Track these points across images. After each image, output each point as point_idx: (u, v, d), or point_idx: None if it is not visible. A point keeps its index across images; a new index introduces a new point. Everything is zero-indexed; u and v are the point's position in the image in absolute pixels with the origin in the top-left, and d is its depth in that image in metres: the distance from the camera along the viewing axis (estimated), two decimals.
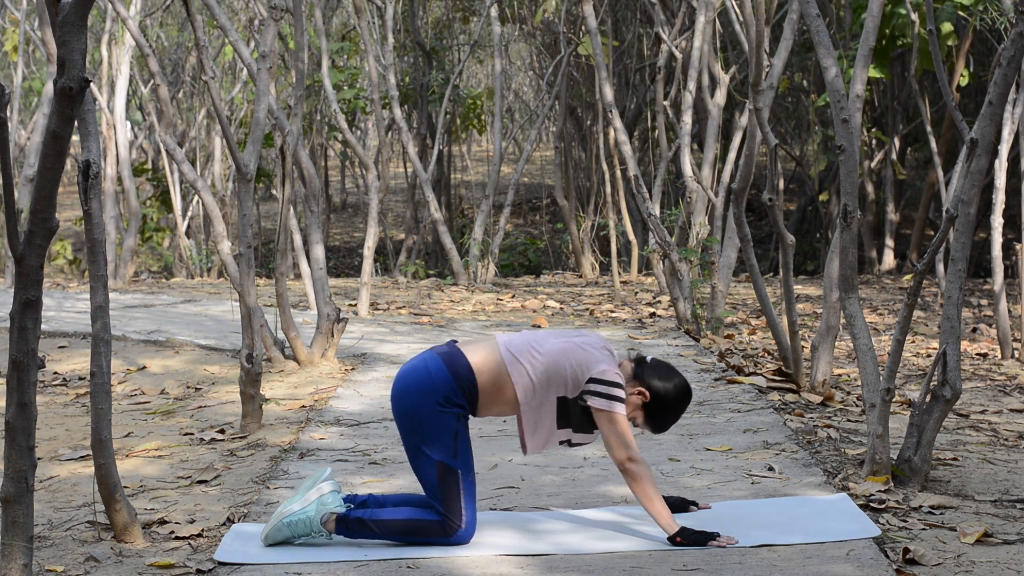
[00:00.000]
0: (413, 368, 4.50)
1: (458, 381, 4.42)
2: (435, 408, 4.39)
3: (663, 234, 10.18)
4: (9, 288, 12.99)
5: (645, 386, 4.52)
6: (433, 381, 4.42)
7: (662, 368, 4.58)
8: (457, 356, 4.47)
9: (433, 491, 4.42)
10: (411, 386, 4.46)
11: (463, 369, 4.44)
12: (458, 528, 4.41)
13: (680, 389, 4.56)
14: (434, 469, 4.40)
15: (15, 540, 3.66)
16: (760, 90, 7.35)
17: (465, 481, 4.42)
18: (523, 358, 4.45)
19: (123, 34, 15.18)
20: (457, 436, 4.42)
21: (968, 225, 5.18)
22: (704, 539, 4.35)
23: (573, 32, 16.38)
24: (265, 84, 6.97)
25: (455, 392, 4.42)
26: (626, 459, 4.38)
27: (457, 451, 4.42)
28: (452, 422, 4.42)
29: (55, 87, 3.46)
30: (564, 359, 4.44)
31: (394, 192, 24.01)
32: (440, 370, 4.43)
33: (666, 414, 4.58)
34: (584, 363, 4.43)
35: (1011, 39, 5.07)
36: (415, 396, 4.43)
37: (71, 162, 23.39)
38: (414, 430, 4.42)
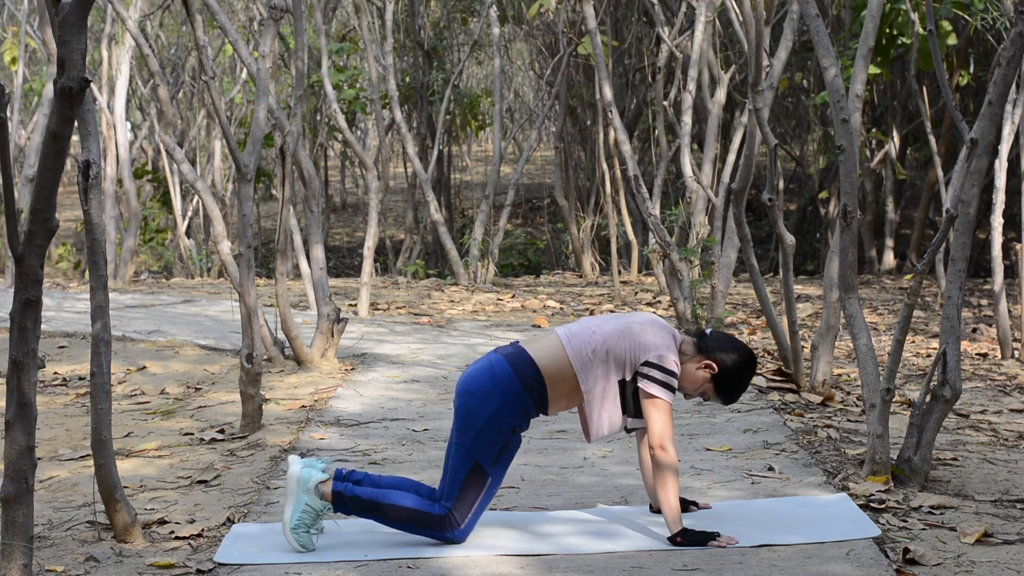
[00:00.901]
0: (479, 370, 4.49)
1: (524, 382, 4.41)
2: (493, 413, 4.38)
3: (663, 234, 10.17)
4: (9, 288, 12.99)
5: (712, 359, 4.51)
6: (498, 383, 4.41)
7: (724, 339, 4.58)
8: (521, 356, 4.46)
9: (455, 483, 4.41)
10: (475, 387, 4.44)
11: (528, 368, 4.43)
12: (457, 526, 4.41)
13: (745, 357, 4.56)
14: (469, 465, 4.40)
15: (15, 540, 3.66)
16: (760, 90, 7.35)
17: (489, 489, 4.43)
18: (584, 346, 4.44)
19: (123, 34, 15.19)
20: (505, 447, 4.42)
21: (968, 225, 5.18)
22: (705, 539, 4.35)
23: (573, 32, 16.38)
24: (265, 84, 6.97)
25: (520, 397, 4.40)
26: (660, 446, 4.37)
27: (499, 460, 4.42)
28: (507, 433, 4.41)
29: (55, 87, 3.46)
30: (622, 341, 4.43)
31: (394, 192, 24.01)
32: (506, 374, 4.42)
33: (736, 384, 4.57)
34: (641, 345, 4.42)
35: (1011, 39, 5.07)
36: (477, 397, 4.42)
37: (71, 162, 23.38)
38: (468, 428, 4.41)
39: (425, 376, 8.12)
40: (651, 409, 4.40)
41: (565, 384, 4.46)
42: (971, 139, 5.17)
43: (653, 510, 4.72)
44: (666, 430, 4.39)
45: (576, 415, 6.74)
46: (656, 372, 4.40)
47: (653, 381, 4.39)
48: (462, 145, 24.76)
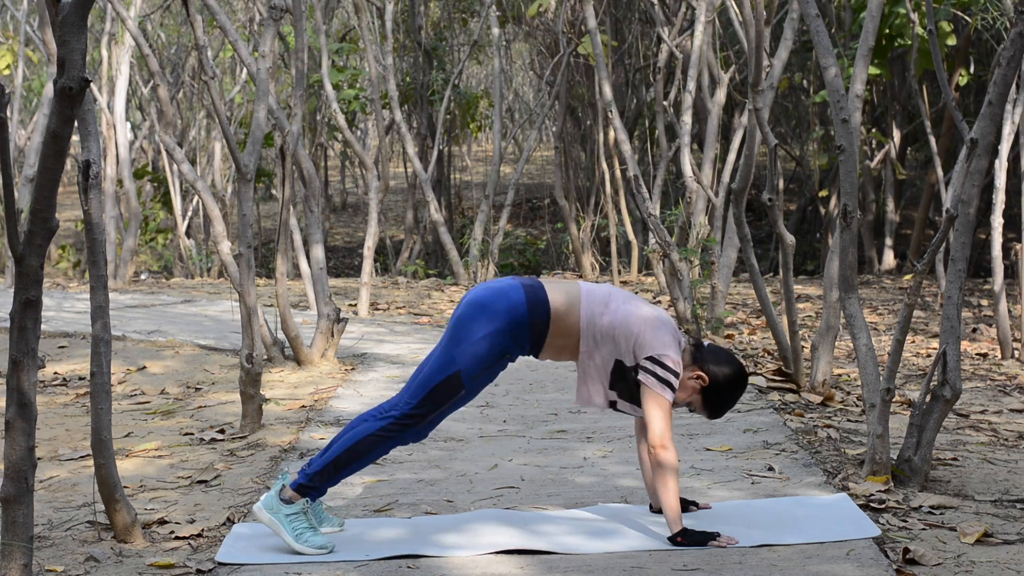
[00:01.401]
0: (494, 288, 4.47)
1: (531, 316, 4.40)
2: (493, 331, 4.37)
3: (663, 234, 10.17)
4: (9, 288, 12.99)
5: (704, 371, 4.51)
6: (508, 306, 4.39)
7: (720, 353, 4.57)
8: (539, 292, 4.44)
9: (426, 385, 4.40)
10: (484, 301, 4.43)
11: (540, 305, 4.41)
12: (415, 425, 4.42)
13: (738, 374, 4.55)
14: (448, 372, 4.39)
15: (15, 540, 3.66)
16: (760, 90, 7.35)
17: (459, 401, 4.44)
18: (597, 315, 4.43)
19: (123, 34, 15.19)
20: (489, 368, 4.42)
21: (968, 225, 5.18)
22: (705, 539, 4.35)
23: (573, 32, 16.38)
24: (265, 84, 6.97)
25: (523, 328, 4.39)
26: (660, 444, 4.37)
27: (479, 377, 4.42)
28: (496, 355, 4.41)
29: (55, 87, 3.46)
30: (634, 326, 4.42)
31: (394, 192, 24.01)
32: (519, 301, 4.41)
33: (723, 399, 4.57)
34: (651, 340, 4.40)
35: (1011, 39, 5.07)
36: (483, 311, 4.41)
37: (71, 162, 23.38)
38: (461, 339, 4.40)
39: None
40: (651, 406, 4.40)
41: (566, 338, 4.45)
42: (971, 139, 5.17)
43: (653, 510, 4.72)
44: (666, 429, 4.39)
45: (576, 416, 6.75)
46: (658, 368, 4.39)
47: (654, 377, 4.39)
48: (462, 145, 24.76)
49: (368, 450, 4.45)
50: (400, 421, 4.43)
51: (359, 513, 4.91)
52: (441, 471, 5.56)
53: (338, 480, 4.50)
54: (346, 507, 4.99)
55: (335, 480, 4.49)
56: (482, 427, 6.47)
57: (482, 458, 5.79)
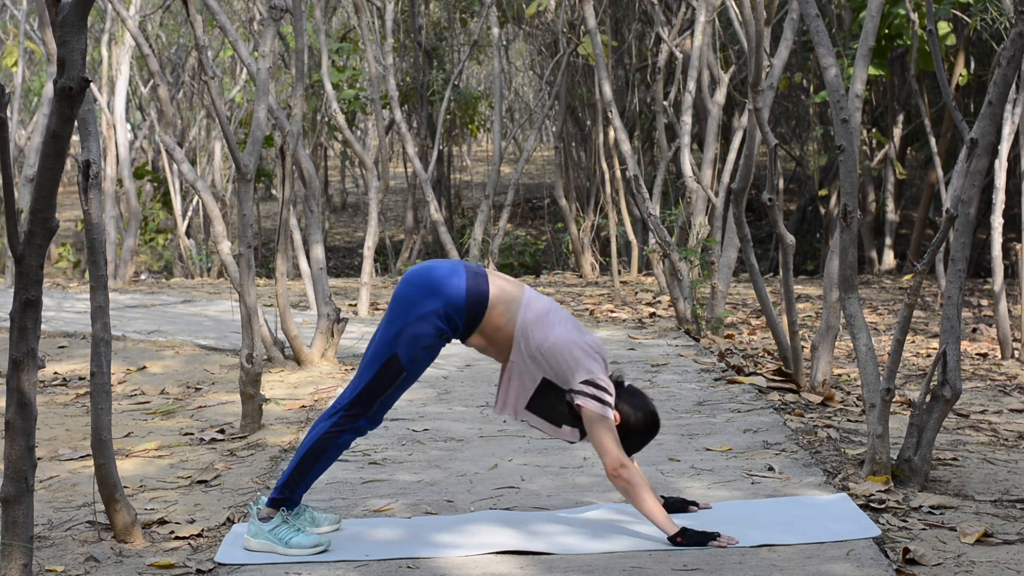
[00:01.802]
0: (436, 267, 4.46)
1: (469, 302, 4.38)
2: (430, 313, 4.36)
3: (663, 234, 10.18)
4: (9, 288, 12.99)
5: (618, 411, 4.47)
6: (448, 288, 4.38)
7: (636, 395, 4.53)
8: (481, 279, 4.42)
9: (366, 371, 4.41)
10: (425, 280, 4.42)
11: (480, 294, 4.39)
12: (363, 415, 4.42)
13: (650, 419, 4.52)
14: (387, 356, 4.38)
15: (15, 540, 3.66)
16: (760, 90, 7.35)
17: (402, 384, 4.42)
18: (535, 323, 4.40)
19: (123, 34, 15.19)
20: (427, 348, 4.40)
21: (968, 225, 5.18)
22: (705, 539, 4.35)
23: (572, 32, 16.38)
24: (265, 84, 6.97)
25: (458, 310, 4.38)
26: (619, 465, 4.35)
27: (418, 359, 4.40)
28: (433, 335, 4.39)
29: (55, 87, 3.46)
30: (569, 350, 4.38)
31: (394, 192, 24.01)
32: (460, 285, 4.38)
33: (633, 440, 4.52)
34: (583, 364, 4.38)
35: (1011, 39, 5.07)
36: (421, 290, 4.39)
37: (71, 162, 23.38)
38: (399, 318, 4.39)
39: (424, 376, 8.08)
40: (597, 430, 4.35)
41: (496, 335, 4.42)
42: (971, 139, 5.17)
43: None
44: (618, 449, 4.35)
45: None
46: (596, 391, 4.35)
47: (594, 399, 4.34)
48: (462, 145, 24.76)
49: (324, 448, 4.44)
50: (347, 413, 4.43)
51: (359, 513, 4.91)
52: (441, 471, 5.56)
53: (307, 485, 4.50)
54: (346, 507, 4.99)
55: (304, 486, 4.49)
56: (482, 427, 6.47)
57: (482, 458, 5.79)
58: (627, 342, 9.57)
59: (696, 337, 9.73)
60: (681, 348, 9.14)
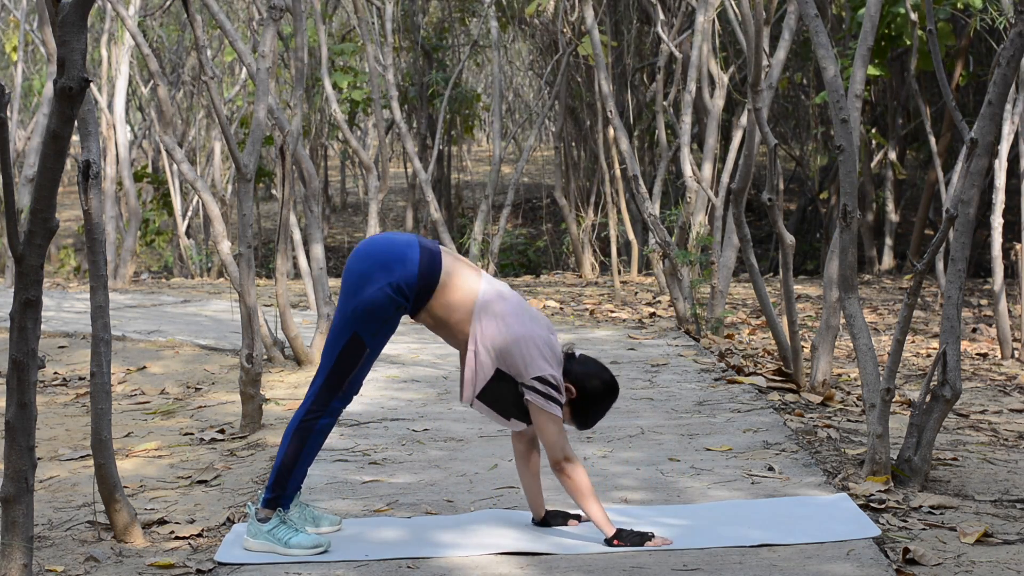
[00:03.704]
0: (391, 241, 4.44)
1: (420, 278, 4.35)
2: (384, 285, 4.33)
3: (663, 234, 10.17)
4: (9, 288, 12.99)
5: (571, 381, 4.46)
6: (403, 261, 4.35)
7: (589, 364, 4.52)
8: (435, 255, 4.39)
9: (329, 354, 4.40)
10: (376, 253, 4.39)
11: (432, 271, 4.37)
12: (332, 399, 4.41)
13: (607, 385, 4.50)
14: (348, 335, 4.37)
15: (15, 540, 3.66)
16: (759, 90, 7.35)
17: (367, 360, 4.40)
18: (488, 317, 4.38)
19: (123, 34, 15.19)
20: (386, 322, 4.38)
21: (968, 225, 5.18)
22: (641, 540, 4.35)
23: (572, 32, 16.38)
24: (265, 84, 6.97)
25: (410, 284, 4.35)
26: (562, 459, 4.35)
27: (378, 333, 4.39)
28: (390, 309, 4.36)
29: (55, 87, 3.46)
30: (524, 345, 4.35)
31: (394, 192, 24.01)
32: (414, 258, 4.36)
33: (592, 410, 4.52)
34: (536, 361, 4.35)
35: (1011, 39, 5.07)
36: (375, 264, 4.36)
37: (71, 162, 23.38)
38: (355, 293, 4.37)
39: (424, 376, 8.12)
40: (544, 424, 4.36)
41: (449, 318, 4.41)
42: (971, 139, 5.17)
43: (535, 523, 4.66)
44: (564, 443, 4.36)
45: None
46: (545, 387, 4.34)
47: (542, 396, 4.34)
48: (462, 145, 24.76)
49: (304, 439, 4.43)
50: (318, 399, 4.42)
51: (359, 513, 4.91)
52: (441, 471, 5.56)
53: (296, 479, 4.48)
54: (346, 507, 4.99)
55: (293, 480, 4.47)
56: (482, 427, 6.47)
57: (482, 458, 5.79)
58: (627, 342, 9.57)
59: (696, 337, 9.73)
60: (681, 348, 9.14)
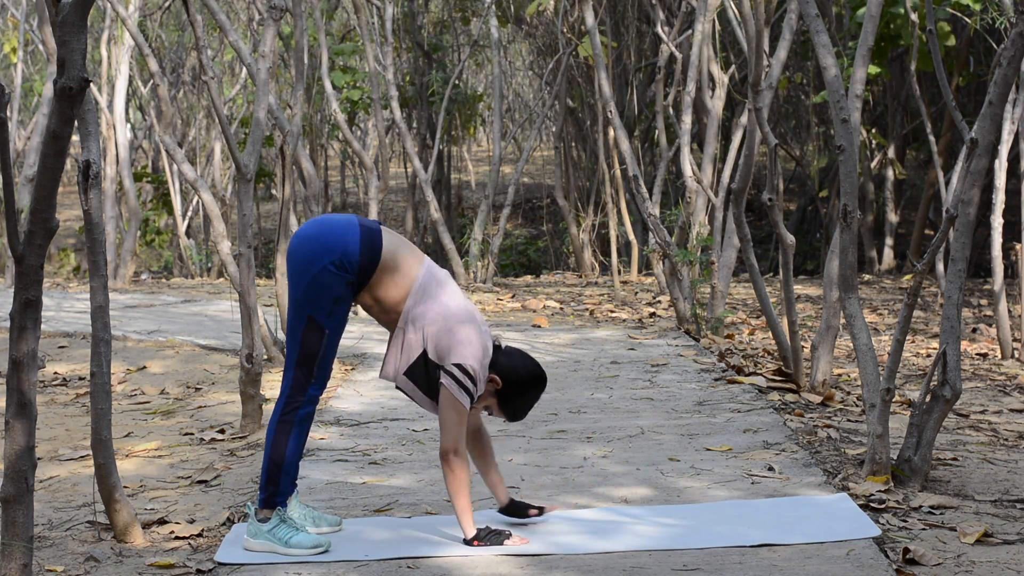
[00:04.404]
0: (330, 221, 4.44)
1: (362, 255, 4.36)
2: (328, 264, 4.34)
3: (663, 234, 10.17)
4: (9, 288, 12.99)
5: (498, 372, 4.46)
6: (342, 241, 4.36)
7: (516, 356, 4.53)
8: (375, 235, 4.41)
9: (295, 342, 4.40)
10: (317, 235, 4.40)
11: (373, 249, 4.38)
12: (303, 388, 4.42)
13: (533, 376, 4.51)
14: (303, 321, 4.38)
15: (15, 540, 3.66)
16: (759, 90, 7.35)
17: (329, 342, 4.41)
18: (423, 300, 4.40)
19: (122, 34, 15.19)
20: (339, 301, 4.39)
21: (968, 225, 5.18)
22: (500, 539, 4.37)
23: (572, 32, 16.38)
24: (265, 84, 6.97)
25: (352, 262, 4.36)
26: (452, 450, 4.36)
27: (334, 312, 4.39)
28: (340, 286, 4.37)
29: (55, 87, 3.46)
30: (452, 331, 4.37)
31: (394, 192, 24.01)
32: (354, 238, 4.37)
33: (519, 401, 4.53)
34: (461, 346, 4.36)
35: (1011, 39, 5.07)
36: (316, 246, 4.37)
37: (71, 162, 23.38)
38: (301, 277, 4.38)
39: None
40: (448, 411, 4.36)
41: (387, 297, 4.43)
42: (971, 139, 5.17)
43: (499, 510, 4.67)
44: (460, 435, 4.37)
45: (576, 416, 6.75)
46: (462, 375, 4.34)
47: (457, 383, 4.34)
48: (462, 145, 24.76)
49: (287, 431, 4.44)
50: (293, 391, 4.44)
51: (359, 513, 4.91)
52: (441, 471, 5.55)
53: (288, 474, 4.48)
54: (346, 507, 4.99)
55: (285, 475, 4.47)
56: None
57: None
58: (627, 342, 9.57)
59: (696, 337, 9.73)
60: (681, 348, 9.14)
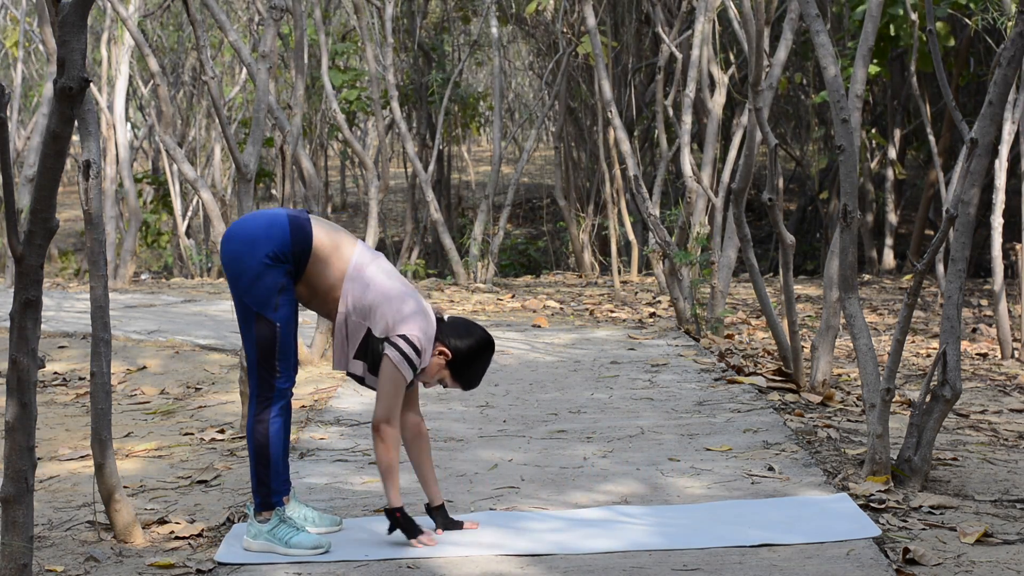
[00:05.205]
0: (256, 216, 4.44)
1: (293, 244, 4.36)
2: (261, 259, 4.34)
3: (663, 234, 10.17)
4: (9, 288, 12.99)
5: (445, 345, 4.47)
6: (270, 234, 4.35)
7: (460, 325, 4.54)
8: (304, 223, 4.41)
9: (250, 342, 4.39)
10: (246, 233, 4.39)
11: (304, 236, 4.38)
12: (270, 385, 4.40)
13: (480, 342, 4.52)
14: (254, 320, 4.36)
15: (15, 540, 3.66)
16: (760, 90, 7.35)
17: (283, 334, 4.39)
18: (361, 280, 4.40)
19: (123, 34, 15.19)
20: (282, 291, 4.37)
21: (968, 225, 5.18)
22: (412, 531, 4.39)
23: (572, 32, 16.38)
24: (265, 84, 6.97)
25: (285, 253, 4.35)
26: (385, 420, 4.36)
27: (279, 305, 4.37)
28: (279, 277, 4.36)
29: (55, 87, 3.46)
30: (394, 304, 4.38)
31: (394, 192, 24.01)
32: (283, 228, 4.36)
33: (471, 369, 4.53)
34: (406, 319, 4.37)
35: (1011, 39, 5.07)
36: (244, 243, 4.36)
37: (71, 162, 23.38)
38: (238, 277, 4.37)
39: None
40: (386, 380, 4.35)
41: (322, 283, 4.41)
42: (971, 139, 5.17)
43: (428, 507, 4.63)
44: (395, 406, 4.36)
45: (576, 416, 6.75)
46: (405, 345, 4.34)
47: (399, 353, 4.33)
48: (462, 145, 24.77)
49: (265, 431, 4.42)
50: (261, 391, 4.42)
51: (359, 513, 4.91)
52: (441, 471, 5.55)
53: (278, 473, 4.47)
54: (346, 507, 4.99)
55: (275, 475, 4.46)
56: (482, 427, 6.47)
57: (482, 458, 5.79)
58: (627, 342, 9.57)
59: (696, 337, 9.73)
60: (681, 348, 9.14)
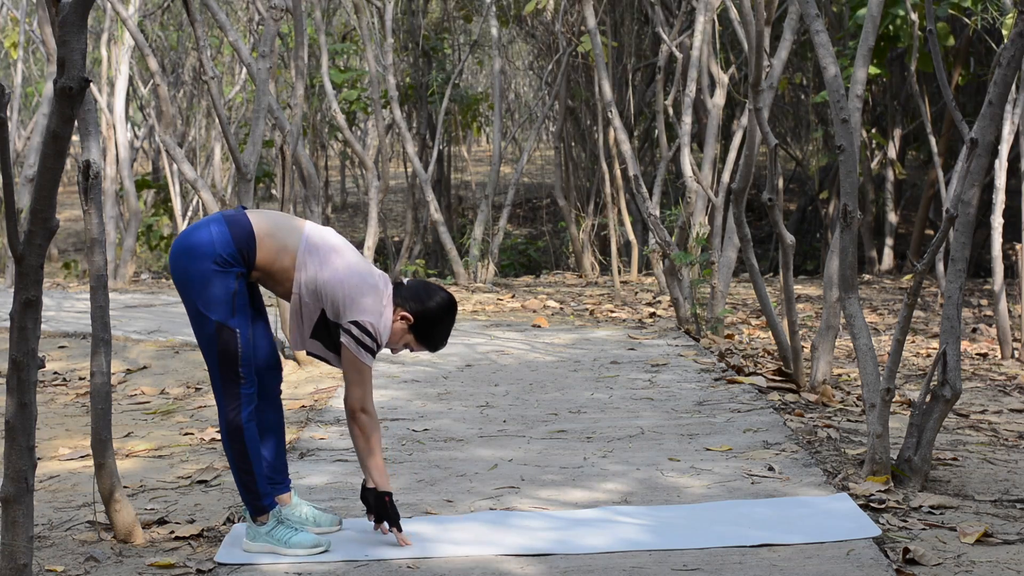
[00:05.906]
0: (193, 228, 4.43)
1: (235, 239, 4.35)
2: (211, 269, 4.32)
3: (663, 234, 10.17)
4: (9, 288, 12.99)
5: (405, 309, 4.47)
6: (213, 239, 4.33)
7: (418, 288, 4.54)
8: (241, 218, 4.39)
9: (211, 352, 4.37)
10: (187, 245, 4.37)
11: (243, 229, 4.36)
12: (237, 392, 4.38)
13: (441, 302, 4.52)
14: (212, 328, 4.35)
15: (15, 540, 3.66)
16: (760, 90, 7.35)
17: (243, 338, 4.38)
18: (312, 261, 4.38)
19: (122, 34, 15.18)
20: (236, 295, 4.36)
21: (968, 225, 5.18)
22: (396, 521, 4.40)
23: (571, 32, 16.37)
24: (265, 84, 6.97)
25: (230, 251, 4.34)
26: (359, 408, 4.38)
27: (236, 309, 4.36)
28: (230, 281, 4.34)
29: (55, 87, 3.46)
30: (344, 287, 4.36)
31: (394, 192, 24.01)
32: (221, 231, 4.35)
33: (435, 331, 4.53)
34: (357, 304, 4.36)
35: (1011, 39, 5.07)
36: (189, 256, 4.35)
37: (71, 162, 23.37)
38: (189, 289, 4.36)
39: (425, 376, 8.12)
40: (350, 370, 4.38)
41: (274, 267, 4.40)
42: (971, 139, 5.17)
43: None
44: (365, 393, 4.38)
45: (576, 416, 6.75)
46: (360, 333, 4.34)
47: (355, 341, 4.34)
48: (462, 145, 24.76)
49: (239, 437, 4.39)
50: (227, 399, 4.39)
51: (359, 513, 4.91)
52: (441, 471, 5.56)
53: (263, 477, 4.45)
54: (346, 507, 4.99)
55: (260, 480, 4.44)
56: (482, 427, 6.47)
57: (482, 458, 5.79)
58: (627, 342, 9.57)
59: (696, 337, 9.73)
60: (681, 348, 9.14)
